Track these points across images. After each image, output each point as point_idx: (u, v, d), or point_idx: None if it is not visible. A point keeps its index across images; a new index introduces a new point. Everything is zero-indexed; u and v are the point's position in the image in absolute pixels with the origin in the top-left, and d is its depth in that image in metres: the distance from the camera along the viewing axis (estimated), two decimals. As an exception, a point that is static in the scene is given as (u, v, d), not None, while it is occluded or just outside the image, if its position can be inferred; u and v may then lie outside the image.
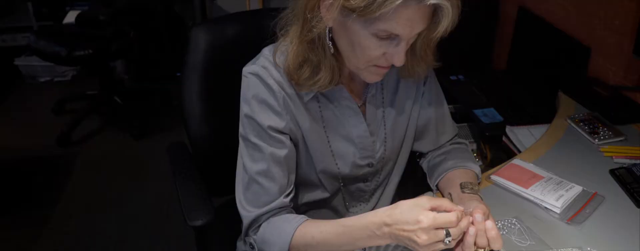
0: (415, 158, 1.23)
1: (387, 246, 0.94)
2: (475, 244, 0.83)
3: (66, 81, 3.33)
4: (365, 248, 0.94)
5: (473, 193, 0.97)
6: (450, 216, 0.78)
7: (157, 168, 2.39)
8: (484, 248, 0.83)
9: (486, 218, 0.84)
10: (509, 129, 1.60)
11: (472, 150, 1.79)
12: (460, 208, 0.81)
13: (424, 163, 1.19)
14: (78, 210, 2.19)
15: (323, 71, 0.91)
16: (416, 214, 0.78)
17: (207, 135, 1.27)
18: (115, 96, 2.82)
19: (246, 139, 0.95)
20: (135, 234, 2.04)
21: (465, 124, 1.87)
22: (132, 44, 2.63)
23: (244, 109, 0.95)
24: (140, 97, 3.09)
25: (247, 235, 0.95)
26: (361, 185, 1.11)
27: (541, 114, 1.61)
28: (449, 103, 1.95)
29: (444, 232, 0.78)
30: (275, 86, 0.93)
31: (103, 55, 2.55)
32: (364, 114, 1.03)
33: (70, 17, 2.70)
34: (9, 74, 3.27)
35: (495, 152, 1.66)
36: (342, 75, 0.98)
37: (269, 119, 0.93)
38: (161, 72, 3.16)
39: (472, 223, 0.83)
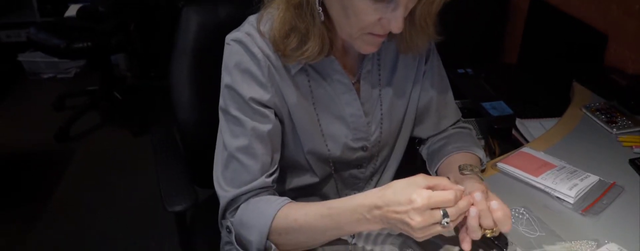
0: (414, 145, 1.13)
1: (378, 235, 0.85)
2: (481, 227, 0.74)
3: (69, 78, 3.29)
4: (354, 235, 0.84)
5: (473, 175, 0.87)
6: (447, 195, 0.69)
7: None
8: (492, 230, 0.74)
9: (487, 197, 0.75)
10: (519, 122, 1.50)
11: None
12: (460, 187, 0.72)
13: (424, 150, 1.09)
14: (71, 205, 2.12)
15: (312, 40, 0.83)
16: (409, 193, 0.69)
17: (197, 122, 1.19)
18: (115, 91, 2.77)
19: (226, 113, 0.87)
20: (130, 230, 1.97)
21: (473, 119, 1.77)
22: (133, 37, 2.58)
23: (225, 79, 0.87)
24: (140, 94, 3.03)
25: (224, 217, 0.86)
26: (355, 171, 1.02)
27: (554, 107, 1.50)
28: (456, 98, 1.87)
29: (441, 213, 0.69)
30: (260, 55, 0.85)
31: (103, 48, 2.50)
32: (358, 92, 0.94)
33: (72, 10, 2.67)
34: (13, 70, 3.25)
35: (504, 147, 1.56)
36: (335, 47, 0.90)
37: (251, 91, 0.85)
38: (163, 69, 3.11)
39: (473, 204, 0.73)
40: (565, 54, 1.66)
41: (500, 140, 1.55)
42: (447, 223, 0.69)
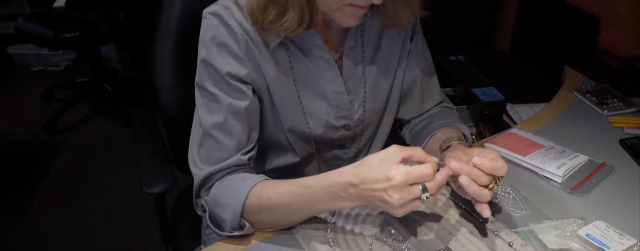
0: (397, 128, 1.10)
1: (358, 214, 0.82)
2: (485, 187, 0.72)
3: (59, 71, 3.25)
4: (334, 214, 0.82)
5: (457, 144, 0.85)
6: (425, 169, 0.66)
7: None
8: (494, 183, 0.72)
9: (468, 158, 0.72)
10: (510, 107, 1.48)
11: (472, 134, 1.67)
12: (435, 158, 0.69)
13: (407, 132, 1.06)
14: (59, 197, 2.09)
15: (291, 11, 0.80)
16: (386, 170, 0.66)
17: (181, 107, 1.16)
18: (105, 83, 2.73)
19: (202, 88, 0.84)
20: (118, 221, 1.94)
21: (465, 106, 1.75)
22: (122, 27, 2.54)
23: (201, 53, 0.84)
24: (131, 86, 3.00)
25: (198, 196, 0.83)
26: (338, 152, 0.99)
27: (546, 92, 1.47)
28: (448, 85, 1.85)
29: (420, 188, 0.66)
30: (237, 28, 0.82)
31: (92, 38, 2.46)
32: (340, 69, 0.91)
33: (61, 1, 2.63)
34: (2, 62, 3.21)
35: (495, 133, 1.52)
36: (316, 22, 0.86)
37: (228, 65, 0.82)
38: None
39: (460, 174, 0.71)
40: (557, 39, 1.64)
41: (491, 126, 1.53)
42: (426, 197, 0.67)
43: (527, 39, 1.84)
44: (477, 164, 0.70)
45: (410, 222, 0.80)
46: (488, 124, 1.53)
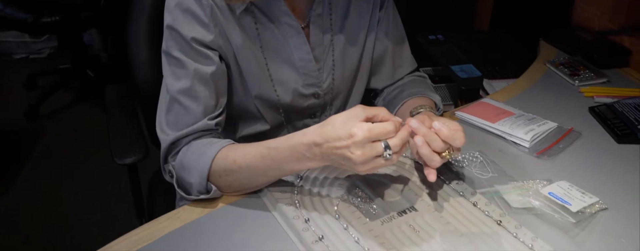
0: (370, 97, 1.11)
1: (325, 178, 0.83)
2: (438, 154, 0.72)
3: (42, 58, 3.21)
4: (301, 177, 0.82)
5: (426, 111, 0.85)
6: (387, 126, 0.67)
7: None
8: (448, 152, 0.72)
9: (430, 123, 0.73)
10: (486, 82, 1.48)
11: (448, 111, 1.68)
12: (398, 118, 0.70)
13: (380, 102, 1.06)
14: (40, 182, 2.08)
15: None
16: (349, 127, 0.66)
17: (156, 81, 1.14)
18: (88, 69, 2.71)
19: (168, 55, 0.83)
20: (97, 205, 1.93)
21: (444, 85, 1.75)
22: (104, 12, 2.52)
23: (166, 19, 0.84)
24: (114, 72, 2.97)
25: (166, 161, 0.83)
26: (309, 121, 0.99)
27: (523, 68, 1.48)
28: (428, 64, 1.85)
29: (382, 145, 0.67)
30: None
31: (72, 23, 2.43)
32: (307, 37, 0.91)
33: (40, -15, 2.59)
34: (-17, 50, 3.17)
35: (472, 109, 1.54)
36: None
37: (193, 31, 0.81)
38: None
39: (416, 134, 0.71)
40: (534, 16, 1.64)
41: (468, 102, 1.53)
42: (389, 155, 0.67)
43: (505, 18, 1.84)
44: (436, 128, 0.71)
45: (377, 185, 0.81)
46: (465, 100, 1.53)
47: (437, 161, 0.72)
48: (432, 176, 0.73)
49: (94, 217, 1.87)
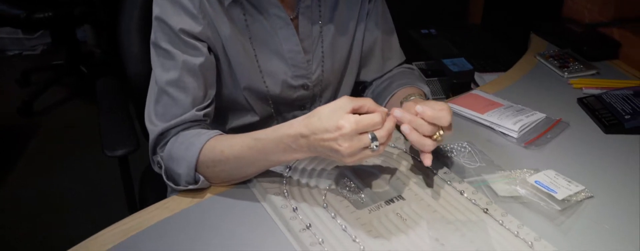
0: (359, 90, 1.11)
1: (313, 170, 0.83)
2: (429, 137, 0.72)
3: (35, 55, 3.20)
4: (289, 167, 0.82)
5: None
6: (374, 117, 0.67)
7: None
8: (438, 134, 0.72)
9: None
10: (477, 76, 1.49)
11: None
12: (384, 109, 0.70)
13: (369, 94, 1.07)
14: (34, 178, 2.07)
15: None
16: (336, 119, 0.66)
17: (146, 75, 1.15)
18: (81, 66, 2.70)
19: (157, 46, 0.84)
20: (91, 201, 1.93)
21: (436, 78, 1.76)
22: (97, 8, 2.51)
23: (154, 10, 0.84)
24: (108, 68, 2.97)
25: (154, 153, 0.83)
26: (298, 113, 1.00)
27: (513, 61, 1.48)
28: (420, 58, 1.86)
29: (369, 137, 0.67)
30: None
31: (66, 19, 2.43)
32: (296, 28, 0.91)
33: (33, -19, 2.58)
34: (-24, 47, 3.16)
35: (464, 103, 1.54)
36: None
37: (182, 22, 0.82)
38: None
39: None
40: (526, 10, 1.65)
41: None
42: (376, 146, 0.67)
43: (497, 12, 1.85)
44: (419, 112, 0.71)
45: (366, 175, 0.82)
46: (457, 93, 1.54)
47: (429, 145, 0.72)
48: (427, 160, 0.73)
49: (89, 213, 1.87)
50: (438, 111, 0.71)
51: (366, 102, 0.69)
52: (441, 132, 0.72)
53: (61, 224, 1.82)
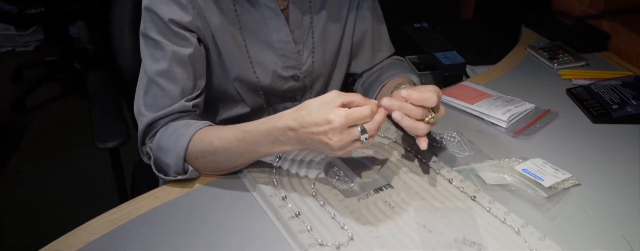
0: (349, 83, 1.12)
1: (301, 161, 0.83)
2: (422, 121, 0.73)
3: (28, 51, 3.19)
4: (280, 157, 0.83)
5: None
6: (364, 111, 0.67)
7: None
8: (429, 116, 0.72)
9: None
10: (469, 68, 1.50)
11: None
12: (374, 101, 0.70)
13: (359, 87, 1.07)
14: (27, 175, 2.07)
15: None
16: (326, 113, 0.66)
17: (138, 68, 1.15)
18: (75, 62, 2.69)
19: (146, 36, 0.84)
20: (85, 198, 1.93)
21: (428, 72, 1.76)
22: (91, 4, 2.50)
23: (144, 0, 0.84)
24: (101, 65, 2.96)
25: (143, 143, 0.83)
26: (289, 105, 1.00)
27: (505, 53, 1.49)
28: (412, 52, 1.86)
29: (359, 130, 0.67)
30: None
31: (58, 15, 2.42)
32: (287, 19, 0.91)
33: (25, -23, 2.57)
34: (-32, 44, 3.14)
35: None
36: None
37: (171, 12, 0.82)
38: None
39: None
40: (517, 3, 1.65)
41: (453, 89, 1.55)
42: (366, 139, 0.68)
43: (489, 6, 1.86)
44: (404, 96, 0.71)
45: (355, 165, 0.82)
46: (448, 85, 1.54)
47: (422, 128, 0.72)
48: (423, 144, 0.73)
49: (83, 208, 1.87)
50: (425, 92, 0.71)
51: (356, 98, 0.69)
52: (433, 114, 0.73)
53: (55, 219, 1.82)
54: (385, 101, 0.71)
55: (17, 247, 1.74)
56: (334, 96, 0.68)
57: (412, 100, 0.70)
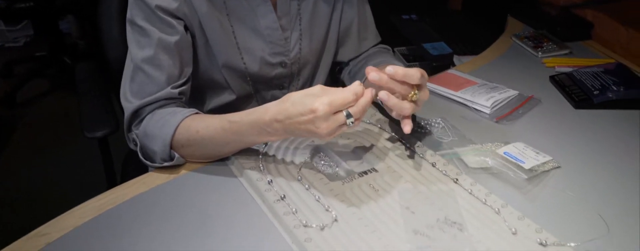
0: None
1: (287, 148, 0.84)
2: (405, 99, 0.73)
3: (18, 47, 3.17)
4: (266, 144, 0.84)
5: None
6: (347, 96, 0.67)
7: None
8: (412, 93, 0.73)
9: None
10: (456, 58, 1.51)
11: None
12: (357, 83, 0.71)
13: (345, 75, 1.08)
14: (17, 170, 2.07)
15: None
16: (310, 103, 0.67)
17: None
18: (65, 57, 2.68)
19: (133, 23, 0.84)
20: (75, 193, 1.92)
21: (417, 63, 1.78)
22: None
23: None
24: (92, 59, 2.95)
25: (129, 130, 0.84)
26: (277, 92, 1.01)
27: (491, 43, 1.52)
28: (401, 44, 1.87)
29: (344, 114, 0.68)
30: None
31: (47, 9, 2.41)
32: (275, 6, 0.92)
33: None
34: (-44, 40, 3.12)
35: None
36: None
37: (157, -1, 0.82)
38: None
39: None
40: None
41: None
42: (352, 122, 0.69)
43: (478, -2, 1.88)
44: (390, 73, 0.72)
45: (342, 151, 0.83)
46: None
47: (407, 108, 0.73)
48: (407, 127, 0.74)
49: (75, 203, 1.86)
50: (408, 69, 0.72)
51: (338, 91, 0.69)
52: (416, 91, 0.73)
53: (47, 215, 1.82)
54: (373, 76, 0.71)
55: (7, 240, 1.74)
56: (318, 89, 0.69)
57: (397, 77, 0.71)
